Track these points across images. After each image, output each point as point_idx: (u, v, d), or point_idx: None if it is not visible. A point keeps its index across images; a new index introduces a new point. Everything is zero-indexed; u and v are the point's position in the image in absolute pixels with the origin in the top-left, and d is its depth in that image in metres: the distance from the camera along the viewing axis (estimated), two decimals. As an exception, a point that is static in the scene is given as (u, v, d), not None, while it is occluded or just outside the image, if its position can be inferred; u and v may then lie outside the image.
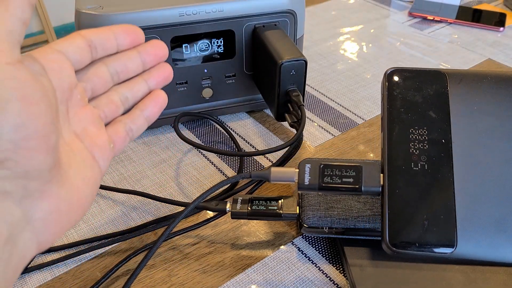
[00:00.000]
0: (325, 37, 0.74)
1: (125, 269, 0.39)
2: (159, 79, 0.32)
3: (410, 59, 0.67)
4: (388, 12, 0.81)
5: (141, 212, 0.44)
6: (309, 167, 0.32)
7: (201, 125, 0.55)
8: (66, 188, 0.26)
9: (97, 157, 0.29)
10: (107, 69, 0.30)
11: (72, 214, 0.26)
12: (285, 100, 0.47)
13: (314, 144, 0.52)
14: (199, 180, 0.47)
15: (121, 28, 0.31)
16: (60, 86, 0.27)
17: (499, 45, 0.71)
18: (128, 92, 0.32)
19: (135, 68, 0.32)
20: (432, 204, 0.28)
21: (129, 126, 0.31)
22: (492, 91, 0.31)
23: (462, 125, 0.30)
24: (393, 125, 0.30)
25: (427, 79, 0.32)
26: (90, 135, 0.29)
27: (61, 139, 0.26)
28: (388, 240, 0.28)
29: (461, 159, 0.29)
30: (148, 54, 0.32)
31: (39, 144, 0.22)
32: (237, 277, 0.38)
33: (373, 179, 0.30)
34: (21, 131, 0.22)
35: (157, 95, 0.32)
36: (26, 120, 0.22)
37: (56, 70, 0.26)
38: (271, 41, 0.47)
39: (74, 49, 0.28)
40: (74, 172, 0.26)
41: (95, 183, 0.28)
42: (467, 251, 0.27)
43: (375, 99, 0.59)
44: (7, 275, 0.23)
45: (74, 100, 0.28)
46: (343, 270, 0.38)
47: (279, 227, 0.42)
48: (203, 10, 0.47)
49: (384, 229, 0.28)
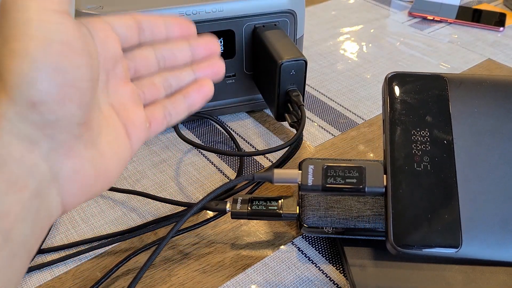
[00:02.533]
0: (325, 37, 0.74)
1: (125, 269, 0.39)
2: (208, 71, 0.32)
3: (410, 59, 0.67)
4: (388, 12, 0.81)
5: (141, 212, 0.44)
6: (312, 168, 0.32)
7: (201, 125, 0.55)
8: (94, 152, 0.26)
9: (130, 134, 0.29)
10: (154, 52, 0.30)
11: (97, 182, 0.26)
12: (285, 100, 0.47)
13: (314, 144, 0.52)
14: (199, 180, 0.47)
15: (173, 18, 0.31)
16: (104, 54, 0.27)
17: (499, 45, 0.71)
18: (172, 78, 0.31)
19: (183, 57, 0.31)
20: (436, 204, 0.28)
21: (168, 110, 0.31)
22: (491, 94, 0.31)
23: (463, 126, 0.30)
24: (395, 127, 0.31)
25: (427, 83, 0.32)
26: (127, 111, 0.29)
27: (96, 105, 0.26)
28: (393, 240, 0.28)
29: (463, 159, 0.29)
30: (199, 46, 0.32)
31: (74, 94, 0.23)
32: (237, 277, 0.38)
33: (377, 179, 0.30)
34: (59, 75, 0.22)
35: (203, 84, 0.32)
36: (66, 65, 0.22)
37: (102, 38, 0.27)
38: (271, 41, 0.47)
39: (122, 24, 0.29)
40: (104, 141, 0.27)
41: (123, 159, 0.28)
42: (472, 251, 0.27)
43: (375, 99, 0.59)
44: (36, 230, 0.23)
45: (117, 73, 0.28)
46: (343, 270, 0.38)
47: (279, 227, 0.42)
48: (203, 10, 0.47)
49: (389, 229, 0.28)
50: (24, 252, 0.23)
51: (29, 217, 0.22)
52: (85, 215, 0.43)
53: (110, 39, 0.28)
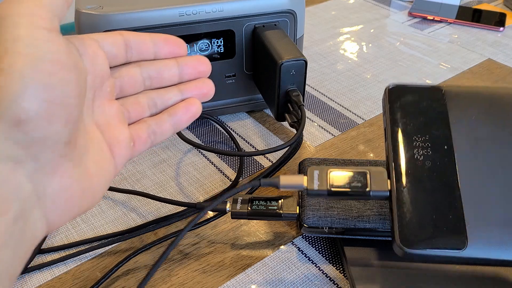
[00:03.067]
0: (325, 37, 0.74)
1: (125, 269, 0.39)
2: (195, 92, 0.31)
3: (410, 59, 0.67)
4: (388, 12, 0.81)
5: (141, 212, 0.44)
6: (318, 173, 0.32)
7: (201, 125, 0.55)
8: (79, 171, 0.25)
9: (114, 152, 0.28)
10: (140, 71, 0.30)
11: (83, 200, 0.26)
12: (285, 100, 0.47)
13: (314, 144, 0.52)
14: (199, 180, 0.47)
15: (161, 36, 0.31)
16: (92, 71, 0.27)
17: (499, 45, 0.71)
18: (157, 97, 0.31)
19: (170, 77, 0.31)
20: (439, 206, 0.29)
21: (152, 129, 0.30)
22: (486, 103, 0.33)
23: (461, 132, 0.32)
24: (396, 134, 0.32)
25: (426, 94, 0.34)
26: (111, 129, 0.28)
27: (81, 123, 0.26)
28: (400, 242, 0.28)
29: (464, 163, 0.31)
30: (188, 66, 0.31)
31: (61, 112, 0.22)
32: (237, 277, 0.38)
33: (381, 184, 0.31)
34: (47, 92, 0.21)
35: (190, 103, 0.31)
36: (55, 82, 0.22)
37: (90, 55, 0.27)
38: (271, 41, 0.47)
39: (110, 42, 0.28)
40: (89, 159, 0.26)
41: (108, 177, 0.28)
42: (478, 250, 0.28)
43: (375, 99, 0.59)
44: (19, 254, 0.23)
45: (103, 91, 0.28)
46: (343, 270, 0.38)
47: (279, 227, 0.42)
48: (203, 10, 0.47)
49: (395, 232, 0.29)
50: (6, 277, 0.22)
51: (11, 241, 0.22)
52: (85, 215, 0.43)
53: (98, 56, 0.28)
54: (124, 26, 0.45)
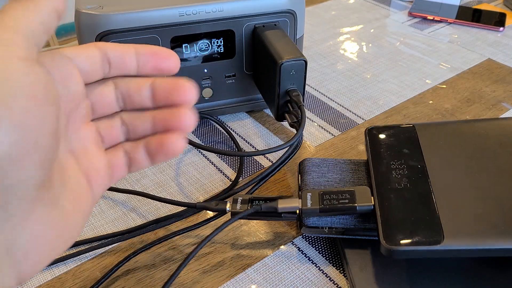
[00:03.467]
0: (325, 37, 0.74)
1: (125, 269, 0.39)
2: (169, 125, 0.26)
3: (410, 59, 0.67)
4: (388, 12, 0.81)
5: (141, 212, 0.44)
6: (310, 195, 0.38)
7: (201, 125, 0.55)
8: (54, 213, 0.22)
9: (92, 182, 0.25)
10: (114, 89, 0.26)
11: (59, 242, 0.23)
12: (285, 100, 0.47)
13: (314, 144, 0.52)
14: (199, 180, 0.47)
15: (149, 48, 0.26)
16: (65, 95, 0.23)
17: (499, 45, 0.71)
18: (130, 122, 0.27)
19: (140, 101, 0.26)
20: (416, 210, 0.35)
21: (129, 155, 0.27)
22: (452, 131, 0.42)
23: (432, 154, 0.40)
24: (377, 161, 0.40)
25: (400, 130, 0.43)
26: (88, 156, 0.25)
27: (56, 157, 0.22)
28: (384, 243, 0.33)
29: (436, 176, 0.37)
30: (161, 90, 0.26)
31: (35, 154, 0.19)
32: (237, 277, 0.38)
33: (366, 199, 0.37)
34: (20, 132, 0.18)
35: (168, 143, 0.26)
36: (29, 121, 0.19)
37: (62, 77, 0.23)
38: (271, 41, 0.47)
39: (85, 57, 0.24)
40: (65, 197, 0.23)
41: (87, 212, 0.25)
42: (454, 243, 0.32)
43: (375, 99, 0.59)
44: None
45: (78, 114, 0.25)
46: (343, 270, 0.38)
47: (279, 227, 0.42)
48: (203, 10, 0.47)
49: (380, 235, 0.34)
50: None
51: None
52: (85, 215, 0.43)
53: (72, 76, 0.24)
54: (124, 26, 0.45)
